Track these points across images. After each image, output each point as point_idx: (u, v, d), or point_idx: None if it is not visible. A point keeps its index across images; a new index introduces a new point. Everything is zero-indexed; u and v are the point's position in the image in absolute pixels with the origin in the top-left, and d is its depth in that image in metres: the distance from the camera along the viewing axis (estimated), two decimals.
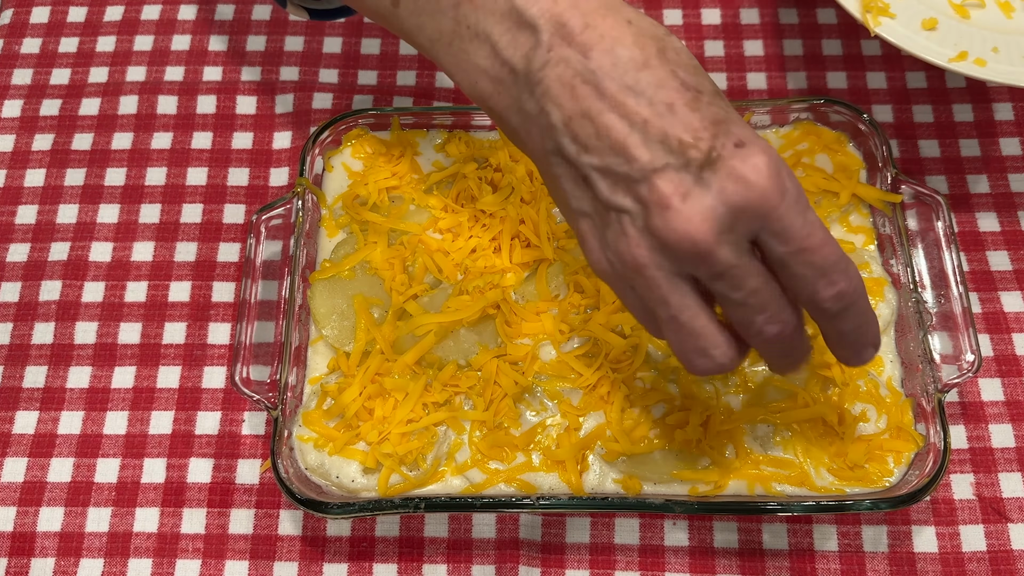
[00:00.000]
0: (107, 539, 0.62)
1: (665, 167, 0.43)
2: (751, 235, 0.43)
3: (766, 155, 0.43)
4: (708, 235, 0.42)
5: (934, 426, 0.57)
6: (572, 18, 0.45)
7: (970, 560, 0.60)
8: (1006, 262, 0.69)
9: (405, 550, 0.61)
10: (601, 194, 0.45)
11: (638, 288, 0.46)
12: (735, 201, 0.42)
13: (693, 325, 0.45)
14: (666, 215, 0.42)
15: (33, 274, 0.70)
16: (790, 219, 0.43)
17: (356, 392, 0.59)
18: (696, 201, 0.42)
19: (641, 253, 0.44)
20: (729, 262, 0.43)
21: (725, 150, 0.42)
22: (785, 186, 0.43)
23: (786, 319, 0.46)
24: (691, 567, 0.60)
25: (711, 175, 0.42)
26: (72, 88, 0.78)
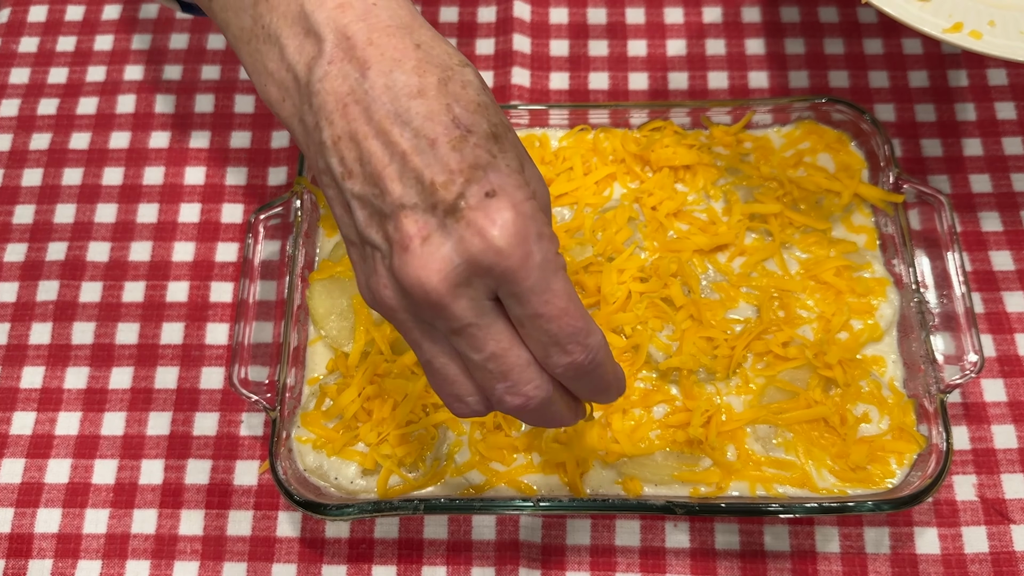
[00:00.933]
0: (105, 540, 0.61)
1: (414, 206, 0.40)
2: (492, 293, 0.41)
3: (513, 211, 0.40)
4: (441, 285, 0.40)
5: (936, 427, 0.57)
6: (357, 32, 0.42)
7: (972, 562, 0.59)
8: (1009, 262, 0.68)
9: (404, 552, 0.61)
10: (359, 224, 0.42)
11: (397, 328, 0.44)
12: (472, 254, 0.39)
13: (446, 372, 0.43)
14: (404, 257, 0.40)
15: (30, 274, 0.70)
16: (529, 283, 0.40)
17: (355, 393, 0.59)
18: (434, 247, 0.40)
19: (388, 295, 0.42)
20: (465, 319, 0.41)
21: (472, 199, 0.39)
22: (528, 248, 0.40)
23: (529, 392, 0.43)
24: (692, 569, 0.60)
25: (453, 223, 0.39)
26: (70, 87, 0.78)
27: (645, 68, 0.77)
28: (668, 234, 0.64)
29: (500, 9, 0.79)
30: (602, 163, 0.67)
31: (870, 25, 0.78)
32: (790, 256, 0.64)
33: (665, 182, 0.66)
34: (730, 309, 0.62)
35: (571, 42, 0.78)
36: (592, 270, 0.62)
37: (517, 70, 0.76)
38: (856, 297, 0.62)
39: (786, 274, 0.63)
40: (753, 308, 0.62)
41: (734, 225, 0.64)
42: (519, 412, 0.44)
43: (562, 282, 0.41)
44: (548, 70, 0.77)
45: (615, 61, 0.77)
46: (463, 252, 0.39)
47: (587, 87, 0.76)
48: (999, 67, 0.76)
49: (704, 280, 0.63)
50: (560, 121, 0.69)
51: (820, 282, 0.63)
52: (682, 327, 0.60)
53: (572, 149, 0.67)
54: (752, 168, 0.66)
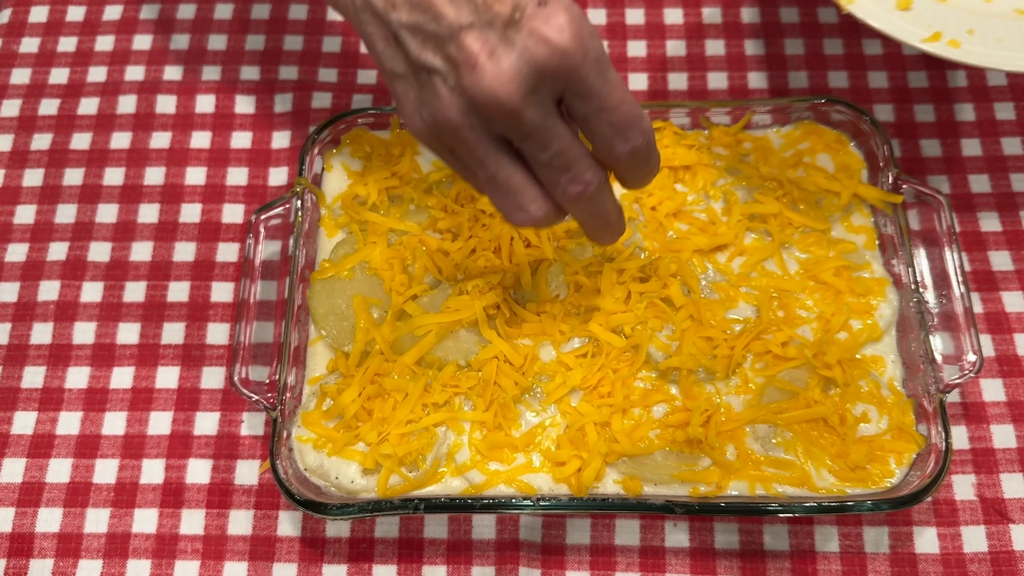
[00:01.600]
0: (106, 540, 0.62)
1: (471, 25, 0.42)
2: (556, 95, 0.44)
3: (568, 14, 0.43)
4: (514, 94, 0.42)
5: (935, 427, 0.57)
6: None
7: (971, 561, 0.59)
8: (1008, 262, 0.69)
9: (404, 551, 0.61)
10: (411, 53, 0.44)
11: (456, 150, 0.46)
12: (539, 60, 0.42)
13: (510, 183, 0.47)
14: (474, 74, 0.42)
15: (31, 274, 0.70)
16: (592, 79, 0.44)
17: (355, 393, 0.59)
18: (501, 60, 0.42)
19: (454, 115, 0.44)
20: (535, 122, 0.44)
21: (528, 8, 0.42)
22: (587, 46, 0.43)
23: (588, 179, 0.47)
24: (692, 568, 0.60)
25: (515, 34, 0.42)
26: (70, 87, 0.78)
27: (644, 68, 0.77)
28: (668, 234, 0.64)
29: None
30: None
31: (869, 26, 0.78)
32: (789, 256, 0.64)
33: (665, 182, 0.66)
34: (730, 309, 0.62)
35: None
36: (592, 270, 0.62)
37: None
38: (855, 297, 0.62)
39: (785, 274, 0.63)
40: (752, 308, 0.62)
41: (734, 225, 0.64)
42: (579, 200, 0.48)
43: (615, 74, 0.45)
44: None
45: (614, 61, 0.77)
46: (530, 59, 0.42)
47: None
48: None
49: (704, 280, 0.63)
50: None
51: (819, 282, 0.63)
52: (682, 327, 0.61)
53: None
54: (751, 168, 0.66)
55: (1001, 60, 0.59)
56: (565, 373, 0.59)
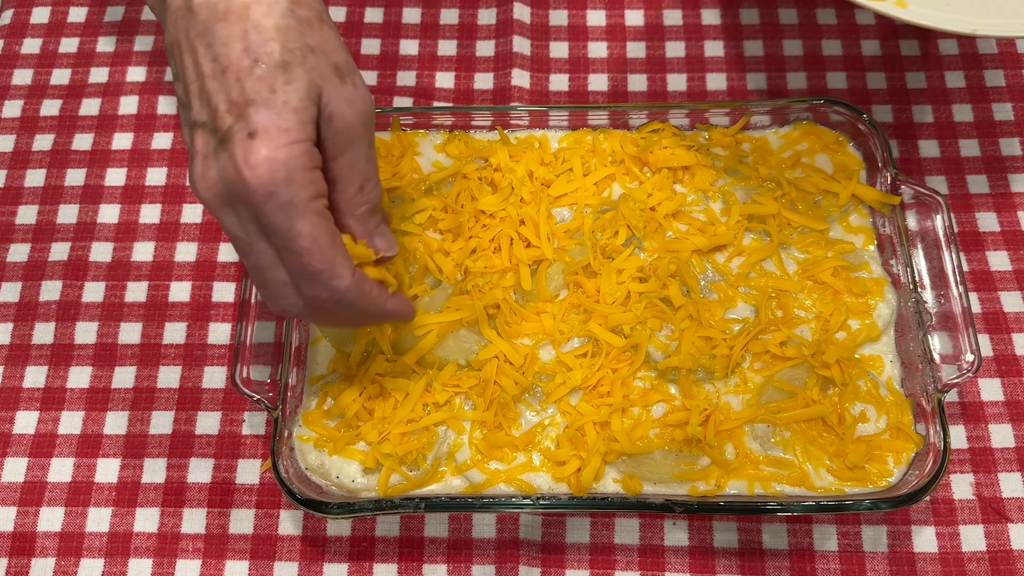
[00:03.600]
0: (107, 539, 0.62)
1: (203, 124, 0.46)
2: (253, 218, 0.46)
3: (267, 155, 0.44)
4: (209, 200, 0.46)
5: (934, 426, 0.57)
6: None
7: (970, 560, 0.60)
8: (1006, 262, 0.69)
9: (405, 550, 0.61)
10: (182, 123, 0.48)
11: None
12: (228, 183, 0.45)
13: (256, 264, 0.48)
14: (192, 166, 0.46)
15: (33, 274, 0.70)
16: (275, 220, 0.45)
17: (356, 392, 0.59)
18: (209, 166, 0.46)
19: (199, 191, 0.47)
20: (232, 232, 0.47)
21: (238, 135, 0.44)
22: (274, 190, 0.45)
23: (285, 307, 0.49)
24: (691, 567, 0.60)
25: (222, 151, 0.45)
26: (72, 88, 0.78)
27: (644, 70, 0.77)
28: (667, 234, 0.65)
29: (500, 11, 0.79)
30: (601, 164, 0.67)
31: (868, 27, 0.78)
32: (788, 256, 0.64)
33: (664, 183, 0.66)
34: (728, 309, 0.62)
35: (571, 44, 0.79)
36: (591, 271, 0.63)
37: (517, 72, 0.76)
38: (854, 297, 0.62)
39: (784, 274, 0.63)
40: (751, 308, 0.62)
41: (732, 226, 0.64)
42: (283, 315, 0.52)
43: (308, 225, 0.46)
44: (548, 72, 0.78)
45: (614, 63, 0.78)
46: (223, 178, 0.45)
47: (586, 89, 0.77)
48: (996, 68, 0.76)
49: (703, 280, 0.63)
50: (560, 122, 0.69)
51: (818, 282, 0.63)
52: (681, 327, 0.61)
53: (572, 150, 0.68)
54: (750, 169, 0.67)
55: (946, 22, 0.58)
56: (565, 373, 0.60)
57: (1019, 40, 0.77)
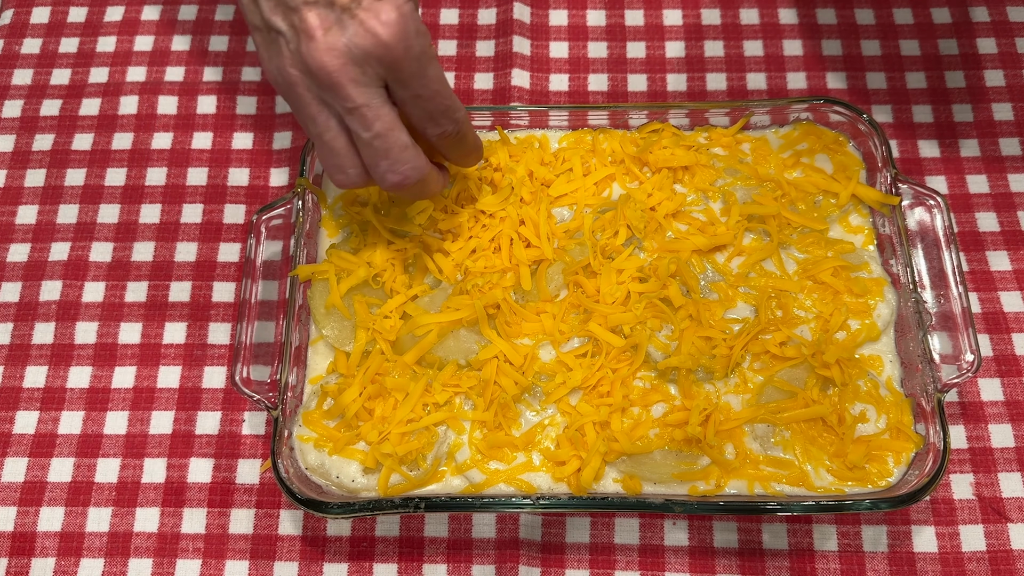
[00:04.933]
0: (107, 539, 0.62)
1: (315, 2, 0.48)
2: (382, 79, 0.50)
3: (397, 12, 0.48)
4: (339, 70, 0.48)
5: (934, 426, 0.57)
6: None
7: (970, 560, 0.60)
8: (1006, 262, 0.69)
9: (405, 550, 0.61)
10: (264, 12, 0.50)
11: (292, 103, 0.52)
12: (363, 47, 0.48)
13: (334, 145, 0.53)
14: (309, 44, 0.49)
15: (33, 274, 0.70)
16: (410, 71, 0.50)
17: (356, 392, 0.59)
18: (333, 38, 0.48)
19: (292, 73, 0.50)
20: (358, 100, 0.49)
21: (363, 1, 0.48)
22: (409, 43, 0.49)
23: (407, 172, 0.53)
24: (691, 567, 0.60)
25: (348, 19, 0.48)
26: (72, 88, 0.78)
27: (644, 70, 0.77)
28: (667, 234, 0.65)
29: (500, 11, 0.79)
30: (601, 164, 0.67)
31: (868, 27, 0.78)
32: (788, 256, 0.64)
33: (664, 183, 0.66)
34: (728, 309, 0.62)
35: (570, 44, 0.79)
36: (591, 271, 0.63)
37: (517, 72, 0.76)
38: (853, 297, 0.62)
39: (784, 274, 0.63)
40: (751, 308, 0.62)
41: (732, 226, 0.64)
42: (397, 188, 0.54)
43: (435, 69, 0.51)
44: (548, 72, 0.78)
45: (614, 63, 0.78)
46: (356, 45, 0.48)
47: (586, 89, 0.77)
48: (996, 68, 0.76)
49: (702, 280, 0.63)
50: (560, 122, 0.69)
51: (818, 282, 0.63)
52: (681, 327, 0.61)
53: (572, 150, 0.68)
54: (750, 169, 0.67)
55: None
56: (565, 373, 0.60)
57: (1019, 40, 0.77)
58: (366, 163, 0.53)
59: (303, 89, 0.51)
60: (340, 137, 0.52)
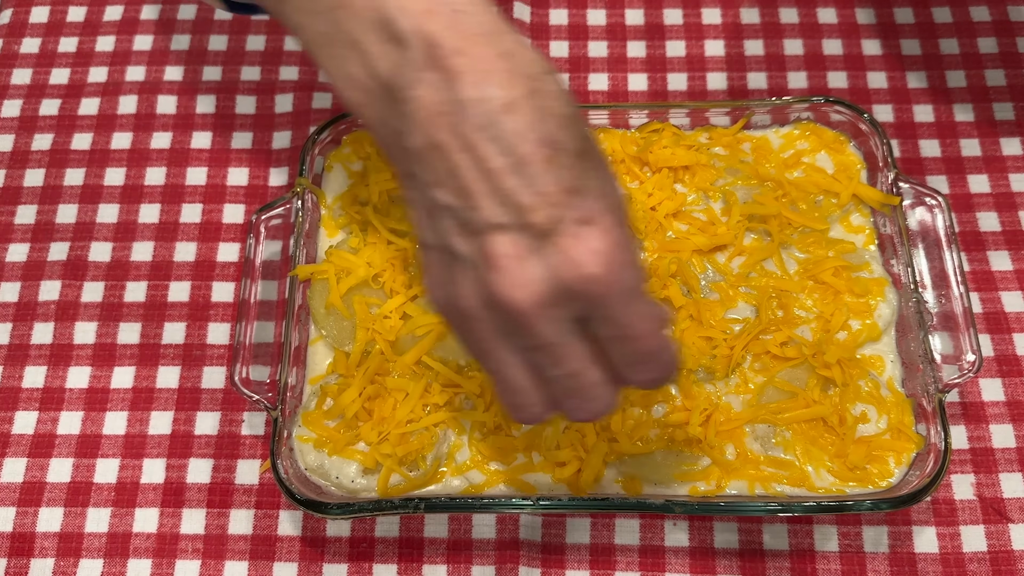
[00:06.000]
0: (106, 539, 0.62)
1: (506, 226, 0.40)
2: (579, 314, 0.42)
3: (606, 240, 0.40)
4: (532, 306, 0.41)
5: (935, 426, 0.57)
6: (444, 40, 0.41)
7: (971, 560, 0.60)
8: (1007, 262, 0.69)
9: (405, 551, 0.61)
10: (445, 233, 0.43)
11: (464, 337, 0.45)
12: (565, 280, 0.40)
13: (515, 383, 0.45)
14: (496, 276, 0.41)
15: (32, 274, 0.70)
16: (616, 309, 0.42)
17: (356, 392, 0.59)
18: (527, 269, 0.40)
19: (469, 304, 0.42)
20: (550, 338, 0.42)
21: (567, 226, 0.40)
22: (618, 276, 0.41)
23: (597, 410, 0.45)
24: (691, 568, 0.60)
25: (547, 247, 0.40)
26: (71, 88, 0.78)
27: (644, 69, 0.77)
28: (667, 234, 0.65)
29: (500, 11, 0.79)
30: None
31: (868, 26, 0.78)
32: (789, 256, 0.64)
33: (664, 183, 0.66)
34: (729, 309, 0.62)
35: (571, 44, 0.79)
36: None
37: None
38: (854, 297, 0.62)
39: (785, 274, 0.63)
40: (752, 308, 0.62)
41: (733, 226, 0.64)
42: (579, 419, 0.46)
43: (646, 305, 0.42)
44: None
45: (614, 62, 0.78)
46: (556, 277, 0.40)
47: (587, 88, 0.77)
48: (997, 68, 0.76)
49: (703, 280, 0.63)
50: None
51: (819, 282, 0.63)
52: (681, 327, 0.61)
53: None
54: (751, 169, 0.66)
55: None
56: None
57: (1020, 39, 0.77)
58: (550, 397, 0.45)
59: (480, 323, 0.43)
60: (522, 373, 0.44)
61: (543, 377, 0.44)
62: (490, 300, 0.41)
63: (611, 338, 0.43)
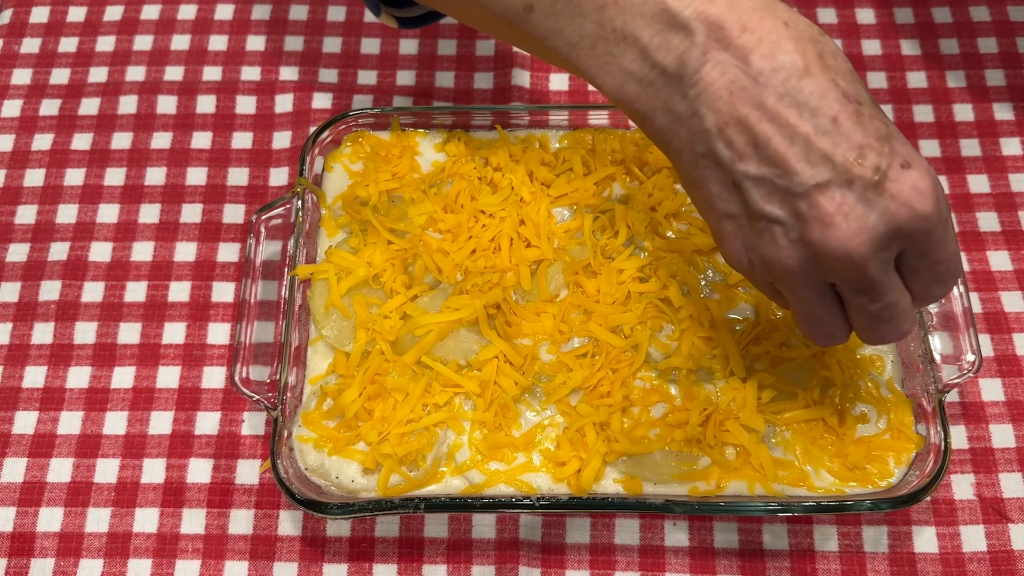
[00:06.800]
0: (107, 539, 0.62)
1: (828, 183, 0.43)
2: (899, 250, 0.45)
3: (930, 178, 0.44)
4: (866, 253, 0.43)
5: (935, 426, 0.57)
6: (728, 20, 0.44)
7: (971, 560, 0.60)
8: (1007, 262, 0.69)
9: (405, 550, 0.61)
10: (753, 202, 0.45)
11: (779, 286, 0.49)
12: (897, 223, 0.43)
13: (825, 319, 0.49)
14: (826, 231, 0.43)
15: (33, 274, 0.70)
16: (938, 238, 0.45)
17: (356, 392, 0.59)
18: (858, 220, 0.43)
19: (791, 263, 0.46)
20: (876, 278, 0.45)
21: (891, 171, 0.43)
22: (943, 208, 0.44)
23: (906, 330, 0.49)
24: (691, 567, 0.60)
25: (875, 196, 0.43)
26: (72, 88, 0.78)
27: None
28: (667, 234, 0.65)
29: None
30: (601, 164, 0.67)
31: (868, 26, 0.78)
32: None
33: (664, 183, 0.66)
34: (729, 309, 0.62)
35: None
36: (591, 271, 0.62)
37: (517, 71, 0.76)
38: None
39: None
40: (752, 308, 0.62)
41: None
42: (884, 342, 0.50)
43: (953, 229, 0.46)
44: (548, 71, 0.77)
45: None
46: (889, 222, 0.43)
47: (587, 88, 0.77)
48: (997, 68, 0.76)
49: (703, 280, 0.63)
50: (560, 122, 0.69)
51: None
52: (681, 327, 0.61)
53: (572, 150, 0.67)
54: None
55: None
56: (565, 373, 0.60)
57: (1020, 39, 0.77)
58: (860, 326, 0.49)
59: (800, 277, 0.46)
60: (834, 310, 0.49)
61: (856, 312, 0.48)
62: (818, 254, 0.44)
63: (924, 265, 0.46)
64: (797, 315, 0.50)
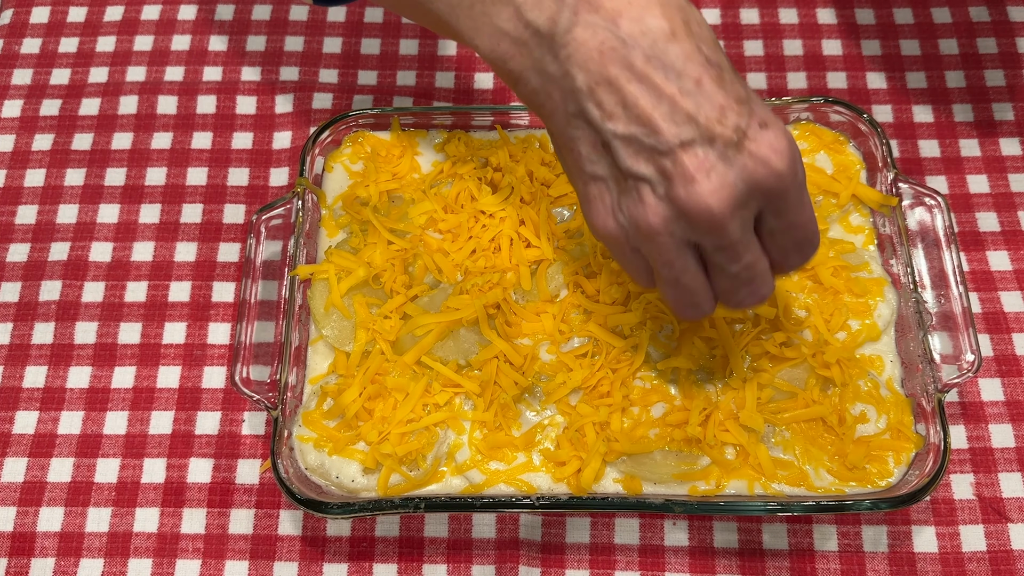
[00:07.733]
0: (107, 539, 0.62)
1: (691, 142, 0.44)
2: (758, 210, 0.47)
3: (786, 138, 0.45)
4: (725, 209, 0.45)
5: (934, 426, 0.57)
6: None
7: (970, 560, 0.60)
8: (1006, 262, 0.69)
9: (405, 550, 0.61)
10: (621, 161, 0.46)
11: (645, 250, 0.49)
12: (755, 180, 0.45)
13: (691, 285, 0.49)
14: (689, 187, 0.45)
15: (33, 274, 0.70)
16: (792, 199, 0.46)
17: (356, 392, 0.59)
18: (719, 176, 0.44)
19: (657, 221, 0.46)
20: (735, 236, 0.46)
21: (750, 130, 0.45)
22: (799, 168, 0.46)
23: (764, 293, 0.50)
24: (691, 567, 0.60)
25: (735, 153, 0.44)
26: (72, 88, 0.78)
27: None
28: None
29: None
30: None
31: (868, 27, 0.78)
32: None
33: None
34: None
35: None
36: (591, 271, 0.63)
37: None
38: (854, 297, 0.62)
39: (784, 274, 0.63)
40: None
41: None
42: (743, 307, 0.52)
43: (808, 195, 0.48)
44: None
45: None
46: (747, 179, 0.45)
47: None
48: (996, 68, 0.76)
49: None
50: None
51: (818, 282, 0.63)
52: (681, 327, 0.61)
53: None
54: None
55: None
56: (565, 373, 0.60)
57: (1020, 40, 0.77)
58: (721, 290, 0.50)
59: (666, 236, 0.47)
60: (699, 275, 0.49)
61: (717, 274, 0.49)
62: (682, 211, 0.45)
63: (781, 227, 0.48)
64: (663, 284, 0.50)
